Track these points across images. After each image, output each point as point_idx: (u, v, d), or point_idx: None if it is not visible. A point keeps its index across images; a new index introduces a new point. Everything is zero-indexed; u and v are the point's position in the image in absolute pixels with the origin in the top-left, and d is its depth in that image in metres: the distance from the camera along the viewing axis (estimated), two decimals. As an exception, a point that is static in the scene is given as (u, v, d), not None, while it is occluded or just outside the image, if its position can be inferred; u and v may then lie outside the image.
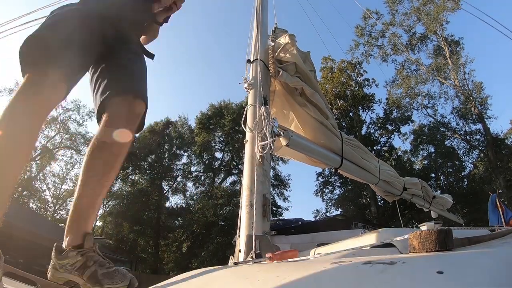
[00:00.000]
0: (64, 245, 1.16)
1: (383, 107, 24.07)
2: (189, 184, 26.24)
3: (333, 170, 1.91)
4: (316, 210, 24.97)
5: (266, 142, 1.31)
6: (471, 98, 20.33)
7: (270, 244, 1.18)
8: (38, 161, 26.11)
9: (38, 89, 1.09)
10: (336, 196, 24.09)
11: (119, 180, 25.40)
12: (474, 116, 20.59)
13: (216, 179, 25.65)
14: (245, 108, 1.60)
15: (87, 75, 1.40)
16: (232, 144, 24.33)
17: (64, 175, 27.64)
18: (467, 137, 21.48)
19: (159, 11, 1.61)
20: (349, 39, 24.00)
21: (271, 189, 1.51)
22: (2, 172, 1.01)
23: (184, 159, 26.66)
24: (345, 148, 1.80)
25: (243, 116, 1.61)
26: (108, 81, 1.32)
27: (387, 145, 23.97)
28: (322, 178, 24.02)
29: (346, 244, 1.05)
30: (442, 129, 22.02)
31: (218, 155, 26.40)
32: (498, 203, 4.91)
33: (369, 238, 0.98)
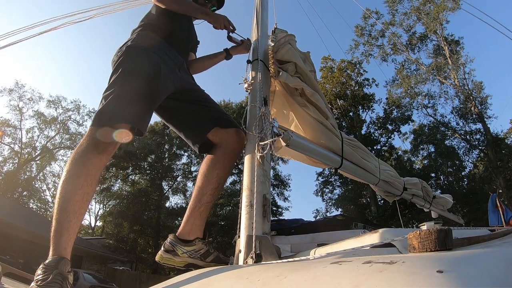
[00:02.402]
0: (189, 237, 1.47)
1: (383, 107, 24.11)
2: (189, 184, 26.24)
3: (333, 170, 1.91)
4: (316, 210, 25.03)
5: (266, 142, 1.31)
6: (471, 97, 20.34)
7: (270, 244, 1.18)
8: (38, 161, 26.12)
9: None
10: (336, 196, 24.12)
11: (119, 180, 25.42)
12: (474, 115, 20.59)
13: (216, 179, 25.60)
14: (245, 108, 1.59)
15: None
16: (232, 144, 24.32)
17: (64, 175, 27.63)
18: (467, 136, 21.48)
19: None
20: (349, 39, 24.07)
21: (271, 189, 1.51)
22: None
23: (184, 159, 26.69)
24: (345, 148, 1.80)
25: (243, 116, 1.61)
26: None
27: (387, 144, 23.99)
28: (322, 178, 24.06)
29: (346, 244, 1.05)
30: (442, 128, 22.01)
31: (218, 155, 26.35)
32: (498, 203, 4.92)
33: (369, 238, 0.98)
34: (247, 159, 1.39)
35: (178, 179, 26.63)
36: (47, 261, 1.05)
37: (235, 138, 1.58)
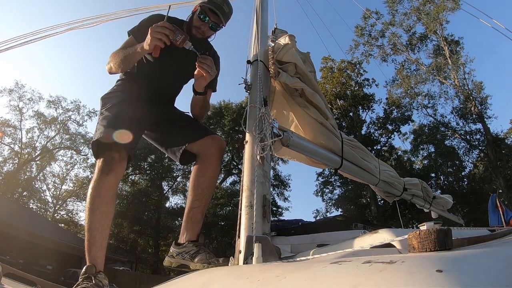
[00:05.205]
0: (181, 240, 1.64)
1: (383, 107, 24.11)
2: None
3: (333, 171, 1.91)
4: (316, 210, 25.01)
5: (266, 143, 1.31)
6: (471, 97, 20.34)
7: (270, 245, 1.18)
8: (38, 162, 26.11)
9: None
10: (336, 196, 24.11)
11: (119, 180, 25.36)
12: (474, 115, 20.59)
13: (216, 179, 25.60)
14: (245, 109, 1.60)
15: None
16: (232, 144, 24.31)
17: (64, 175, 27.65)
18: (467, 136, 21.48)
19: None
20: (349, 39, 24.01)
21: (271, 189, 1.51)
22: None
23: (184, 160, 26.60)
24: (345, 149, 1.81)
25: (243, 117, 1.61)
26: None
27: (387, 145, 23.99)
28: (322, 178, 24.05)
29: (346, 244, 1.05)
30: (442, 129, 22.01)
31: (218, 155, 26.31)
32: (498, 203, 4.91)
33: (369, 239, 0.99)
34: (247, 159, 1.39)
35: (178, 179, 26.62)
36: (83, 269, 1.35)
37: (208, 144, 1.76)
